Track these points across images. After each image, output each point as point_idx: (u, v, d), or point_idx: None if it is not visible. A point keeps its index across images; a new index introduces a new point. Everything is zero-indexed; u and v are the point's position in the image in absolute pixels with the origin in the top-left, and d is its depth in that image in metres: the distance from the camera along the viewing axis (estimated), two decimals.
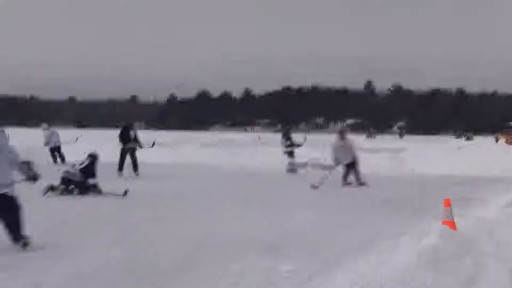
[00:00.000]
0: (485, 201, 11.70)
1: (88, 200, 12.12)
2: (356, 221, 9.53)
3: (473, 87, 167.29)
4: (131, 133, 18.22)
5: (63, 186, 12.89)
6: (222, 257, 6.73)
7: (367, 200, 12.27)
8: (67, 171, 13.29)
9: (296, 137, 22.11)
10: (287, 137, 21.18)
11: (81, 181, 13.01)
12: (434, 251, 5.72)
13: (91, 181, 13.06)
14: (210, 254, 6.96)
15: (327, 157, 22.32)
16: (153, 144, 21.51)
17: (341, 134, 16.16)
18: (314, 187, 14.41)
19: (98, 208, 10.99)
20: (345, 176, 15.53)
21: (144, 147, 18.89)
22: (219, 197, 12.83)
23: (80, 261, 6.57)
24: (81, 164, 13.38)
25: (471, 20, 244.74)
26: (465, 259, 5.82)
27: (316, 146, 28.24)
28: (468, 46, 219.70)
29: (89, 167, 13.26)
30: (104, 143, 28.74)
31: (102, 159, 14.21)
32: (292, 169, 20.38)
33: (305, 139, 22.14)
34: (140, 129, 28.47)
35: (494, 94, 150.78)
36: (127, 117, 33.12)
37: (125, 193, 12.50)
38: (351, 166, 15.49)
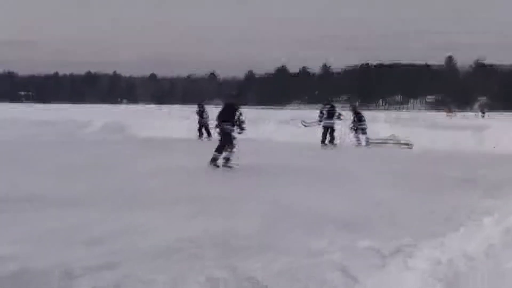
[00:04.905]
0: None
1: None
2: (436, 199, 9.42)
3: None
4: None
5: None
6: (301, 234, 6.74)
7: (447, 178, 12.07)
8: None
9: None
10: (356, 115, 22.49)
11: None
12: None
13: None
14: (289, 230, 6.99)
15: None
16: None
17: None
18: None
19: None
20: None
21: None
22: (297, 173, 12.91)
23: (159, 231, 6.76)
24: None
25: None
26: None
27: (395, 123, 27.91)
28: None
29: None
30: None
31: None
32: (367, 144, 21.81)
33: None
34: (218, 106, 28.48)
35: None
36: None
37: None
38: None
